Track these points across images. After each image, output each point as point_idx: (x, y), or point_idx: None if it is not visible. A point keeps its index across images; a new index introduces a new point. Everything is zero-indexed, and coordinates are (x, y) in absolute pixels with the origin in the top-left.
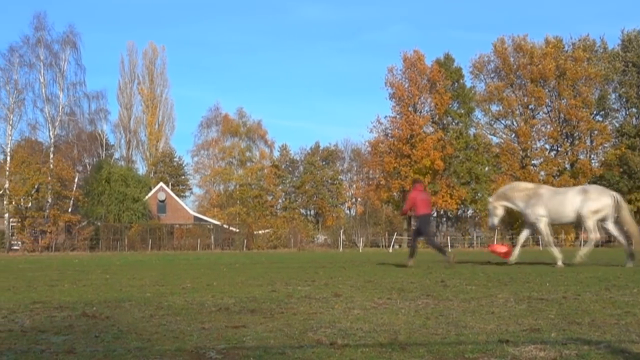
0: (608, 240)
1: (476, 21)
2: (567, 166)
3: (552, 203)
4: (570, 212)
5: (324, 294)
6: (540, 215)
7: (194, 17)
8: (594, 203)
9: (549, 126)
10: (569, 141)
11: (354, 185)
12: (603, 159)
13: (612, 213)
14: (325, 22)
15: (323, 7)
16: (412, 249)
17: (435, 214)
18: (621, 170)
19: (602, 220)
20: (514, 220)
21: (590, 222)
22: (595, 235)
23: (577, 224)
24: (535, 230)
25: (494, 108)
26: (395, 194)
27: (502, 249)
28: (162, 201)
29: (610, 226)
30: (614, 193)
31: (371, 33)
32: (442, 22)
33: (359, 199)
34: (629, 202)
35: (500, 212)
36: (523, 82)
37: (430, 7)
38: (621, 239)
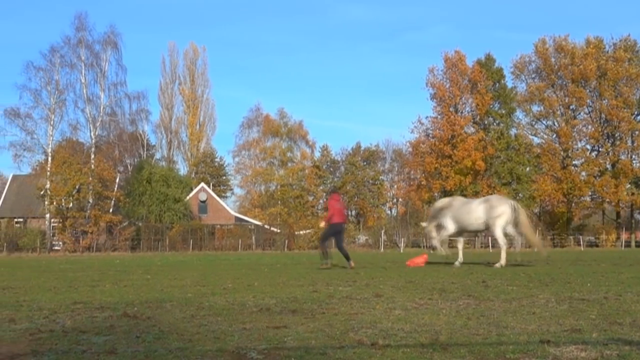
0: None
1: (517, 21)
2: (609, 167)
3: (459, 212)
4: (474, 220)
5: (365, 294)
6: (446, 222)
7: (235, 18)
8: (494, 210)
9: (590, 126)
10: (610, 141)
11: (395, 186)
12: None
13: (511, 218)
14: (366, 23)
15: (364, 8)
16: (345, 254)
17: None
18: None
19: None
20: (555, 222)
21: (497, 229)
22: (503, 240)
23: (486, 232)
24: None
25: (535, 108)
26: (436, 194)
27: (419, 259)
28: (203, 201)
29: (510, 230)
30: (512, 201)
31: (412, 33)
32: (483, 22)
33: (400, 199)
34: None
35: (435, 233)
36: (564, 83)
37: (471, 7)
38: (517, 241)
